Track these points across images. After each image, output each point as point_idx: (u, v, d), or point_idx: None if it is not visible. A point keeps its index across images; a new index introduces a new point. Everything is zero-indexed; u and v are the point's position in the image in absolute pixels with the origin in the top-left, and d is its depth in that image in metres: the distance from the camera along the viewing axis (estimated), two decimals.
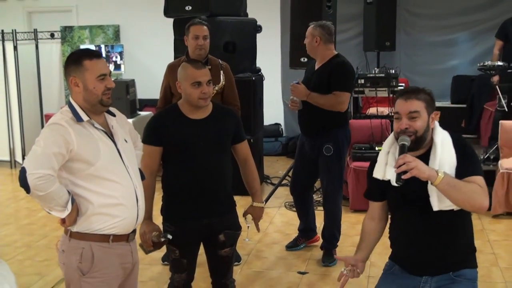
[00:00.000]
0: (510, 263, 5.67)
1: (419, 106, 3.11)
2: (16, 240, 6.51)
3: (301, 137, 5.68)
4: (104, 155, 3.04)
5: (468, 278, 3.19)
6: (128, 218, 3.12)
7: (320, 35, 5.30)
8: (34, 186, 2.83)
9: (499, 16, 9.17)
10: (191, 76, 3.68)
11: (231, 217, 3.90)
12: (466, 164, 3.10)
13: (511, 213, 6.95)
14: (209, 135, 3.74)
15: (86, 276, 3.05)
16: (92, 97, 3.02)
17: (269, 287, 5.26)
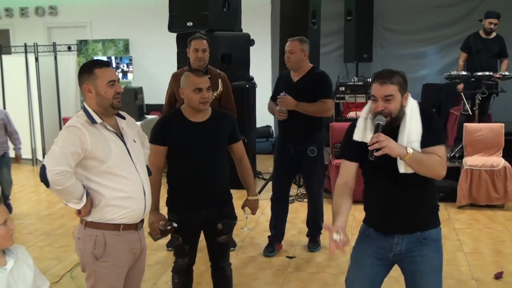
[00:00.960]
0: (473, 248, 5.69)
1: (393, 90, 3.10)
2: (38, 229, 6.50)
3: (282, 144, 5.45)
4: (115, 153, 3.06)
5: (433, 238, 3.21)
6: (137, 210, 3.14)
7: (307, 49, 5.28)
8: (53, 181, 2.86)
9: (463, 32, 9.21)
10: (193, 83, 3.70)
11: (228, 208, 3.93)
12: (431, 134, 3.11)
13: (474, 205, 6.98)
14: (208, 136, 3.76)
15: (99, 261, 3.07)
16: (104, 101, 3.05)
17: (261, 269, 5.27)
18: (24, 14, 11.73)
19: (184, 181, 3.76)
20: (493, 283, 4.88)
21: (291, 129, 5.29)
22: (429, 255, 3.18)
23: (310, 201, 5.64)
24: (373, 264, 3.26)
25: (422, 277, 3.19)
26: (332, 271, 5.19)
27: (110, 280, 3.14)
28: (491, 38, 8.36)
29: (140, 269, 3.41)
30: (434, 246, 3.20)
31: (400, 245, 3.20)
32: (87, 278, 3.17)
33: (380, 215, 3.29)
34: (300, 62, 5.24)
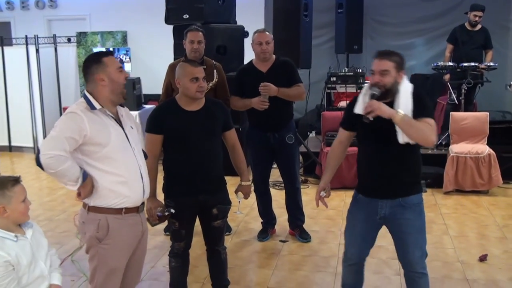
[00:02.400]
0: (458, 232, 5.72)
1: (390, 66, 3.35)
2: (39, 215, 6.49)
3: (259, 136, 5.32)
4: (114, 138, 3.07)
5: (414, 203, 3.48)
6: (136, 194, 3.16)
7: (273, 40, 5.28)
8: (45, 165, 2.88)
9: (449, 24, 9.20)
10: (190, 73, 3.71)
11: (223, 194, 3.93)
12: (421, 109, 3.32)
13: (460, 190, 7.01)
14: (202, 124, 3.77)
15: (102, 243, 3.09)
16: (118, 86, 3.11)
17: (255, 253, 5.29)
18: (25, 7, 11.67)
19: (180, 168, 3.77)
20: (478, 265, 4.91)
21: (269, 119, 5.19)
22: (411, 218, 3.47)
23: (293, 189, 5.54)
24: (363, 225, 3.60)
25: (406, 237, 3.50)
26: (323, 254, 5.21)
27: (112, 262, 3.16)
28: (476, 30, 8.38)
29: (143, 250, 3.42)
30: (415, 209, 3.49)
31: (384, 209, 3.48)
32: (90, 260, 3.20)
33: (368, 182, 3.60)
34: (272, 52, 5.24)
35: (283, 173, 5.53)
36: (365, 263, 3.77)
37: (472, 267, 4.87)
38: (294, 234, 5.62)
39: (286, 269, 4.90)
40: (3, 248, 2.56)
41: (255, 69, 5.26)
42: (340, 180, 7.22)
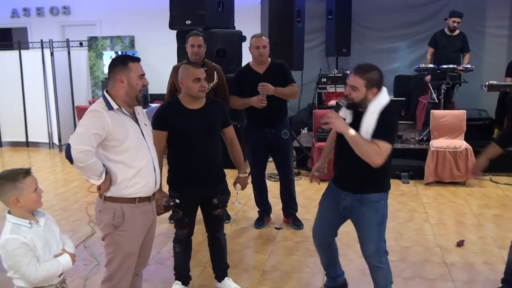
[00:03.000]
0: (438, 219, 5.74)
1: (360, 83, 3.27)
2: (54, 205, 6.49)
3: (257, 132, 5.30)
4: (131, 134, 3.10)
5: (372, 200, 3.41)
6: (149, 184, 3.20)
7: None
8: (76, 159, 2.92)
9: (430, 29, 9.21)
10: (192, 74, 3.72)
11: (222, 185, 3.94)
12: (379, 131, 3.23)
13: (439, 182, 7.03)
14: (203, 121, 3.77)
15: (118, 230, 3.12)
16: (133, 91, 3.11)
17: (252, 239, 5.29)
18: (40, 13, 11.66)
19: (183, 161, 3.77)
20: (455, 250, 4.92)
21: (266, 116, 5.19)
22: (367, 213, 3.43)
23: (287, 180, 5.54)
24: (330, 210, 3.65)
25: (361, 231, 3.51)
26: None
27: (128, 247, 3.18)
28: (454, 35, 8.39)
29: (151, 236, 3.44)
30: (372, 206, 3.43)
31: (345, 201, 3.49)
32: (107, 246, 3.21)
33: (336, 173, 3.66)
34: (268, 55, 5.23)
35: (278, 166, 5.53)
36: (334, 243, 3.85)
37: (450, 252, 4.88)
38: (288, 222, 5.62)
39: (281, 254, 4.91)
40: (19, 233, 2.59)
41: (253, 70, 5.25)
42: (330, 172, 7.23)
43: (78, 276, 4.45)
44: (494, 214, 5.91)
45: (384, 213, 3.48)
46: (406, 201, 6.40)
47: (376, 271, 3.53)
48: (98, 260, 4.73)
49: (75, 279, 4.39)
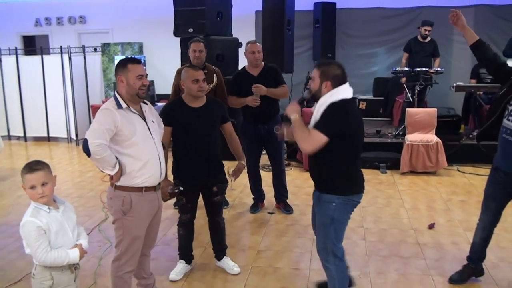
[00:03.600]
0: (412, 205, 5.74)
1: (315, 74, 3.12)
2: (72, 193, 6.46)
3: (252, 128, 5.28)
4: (139, 130, 3.10)
5: (325, 200, 3.15)
6: (154, 175, 3.19)
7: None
8: (93, 152, 2.93)
9: (405, 37, 9.19)
10: (192, 76, 3.72)
11: (221, 175, 3.94)
12: (319, 121, 3.05)
13: (413, 171, 7.04)
14: (204, 118, 3.77)
15: (126, 216, 3.13)
16: (132, 90, 3.09)
17: (248, 223, 5.29)
18: (60, 22, 11.62)
19: (186, 154, 3.77)
20: (427, 232, 4.93)
21: (260, 113, 5.18)
22: (319, 212, 3.24)
23: (279, 170, 5.52)
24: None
25: (316, 227, 3.33)
26: (303, 223, 5.22)
27: (135, 231, 3.18)
28: (426, 42, 8.40)
29: (158, 221, 3.43)
30: (323, 206, 3.19)
31: (315, 197, 3.30)
32: (117, 229, 3.21)
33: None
34: (262, 60, 5.21)
35: (271, 158, 5.52)
36: None
37: (423, 233, 4.89)
38: (280, 207, 5.61)
39: (273, 236, 4.90)
40: (37, 217, 2.58)
41: (248, 73, 5.22)
42: None
43: (93, 256, 4.43)
44: (461, 200, 5.92)
45: (335, 215, 3.13)
46: (384, 188, 6.40)
47: (325, 268, 3.31)
48: (111, 242, 4.70)
49: (90, 258, 4.37)
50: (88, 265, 4.24)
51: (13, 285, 3.91)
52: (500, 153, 3.55)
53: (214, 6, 7.45)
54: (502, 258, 4.20)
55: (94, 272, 4.11)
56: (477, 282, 3.90)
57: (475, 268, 3.90)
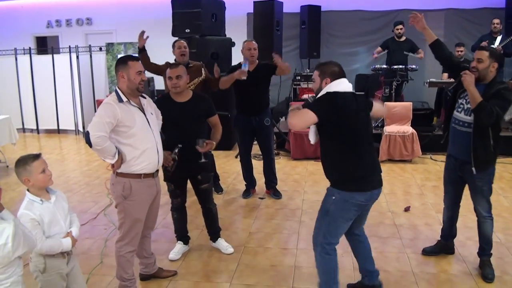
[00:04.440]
0: (390, 190, 5.76)
1: (315, 75, 3.05)
2: (80, 180, 6.42)
3: (244, 119, 5.23)
4: (138, 122, 3.10)
5: (328, 192, 3.03)
6: (152, 163, 3.18)
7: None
8: (94, 143, 2.93)
9: (383, 37, 9.14)
10: (167, 73, 3.73)
11: (206, 164, 3.89)
12: (312, 102, 2.94)
13: (391, 159, 7.06)
14: (188, 112, 3.74)
15: (127, 200, 3.14)
16: (132, 84, 3.08)
17: (240, 207, 5.27)
18: (69, 24, 11.49)
19: (173, 144, 3.68)
20: (403, 214, 4.95)
21: (252, 106, 5.18)
22: (324, 200, 3.05)
23: (269, 159, 5.50)
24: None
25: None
26: (291, 207, 5.22)
27: (135, 214, 3.19)
28: (402, 41, 8.39)
29: (157, 205, 3.43)
30: (325, 197, 3.04)
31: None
32: (119, 212, 3.22)
33: None
34: (257, 57, 5.17)
35: (262, 147, 5.50)
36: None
37: (399, 216, 4.91)
38: (269, 193, 5.60)
39: (264, 219, 4.90)
40: (31, 209, 2.55)
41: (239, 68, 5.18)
42: (303, 152, 7.24)
43: (100, 237, 4.42)
44: (433, 185, 5.94)
45: (331, 209, 2.97)
46: None
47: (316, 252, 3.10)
48: (115, 225, 4.67)
49: (97, 240, 4.36)
50: (95, 246, 4.23)
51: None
52: (450, 141, 3.65)
53: (209, 8, 7.41)
54: (469, 237, 4.23)
55: (101, 253, 4.10)
56: (448, 256, 3.95)
57: (445, 244, 3.98)
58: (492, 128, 3.37)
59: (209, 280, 3.63)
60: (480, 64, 3.37)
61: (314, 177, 6.36)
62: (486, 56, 3.36)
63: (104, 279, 3.65)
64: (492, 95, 3.30)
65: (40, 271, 2.63)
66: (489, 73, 3.38)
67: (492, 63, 3.36)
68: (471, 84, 3.30)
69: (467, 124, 3.44)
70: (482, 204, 3.56)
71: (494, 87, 3.33)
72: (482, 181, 3.49)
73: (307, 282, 3.57)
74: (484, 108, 3.24)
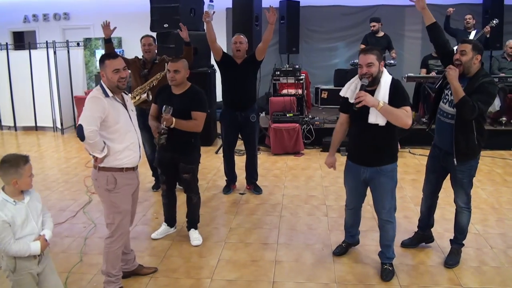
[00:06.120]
0: None
1: (373, 59, 3.21)
2: (58, 178, 6.29)
3: (230, 114, 5.21)
4: (122, 117, 3.15)
5: (388, 170, 3.37)
6: (134, 157, 3.23)
7: (247, 42, 5.21)
8: (87, 137, 2.95)
9: (362, 32, 9.19)
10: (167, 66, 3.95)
11: (188, 155, 4.01)
12: (398, 99, 3.20)
13: None
14: (178, 104, 3.85)
15: (113, 192, 3.17)
16: (111, 83, 3.11)
17: (221, 203, 5.24)
18: (46, 19, 11.30)
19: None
20: None
21: (239, 102, 5.17)
22: (384, 181, 3.38)
23: (253, 155, 5.49)
24: (354, 182, 3.58)
25: (378, 196, 3.46)
26: (271, 202, 5.21)
27: (123, 205, 3.23)
28: (380, 36, 8.42)
29: (136, 198, 3.47)
30: (388, 175, 3.37)
31: (365, 174, 3.43)
32: (106, 208, 3.26)
33: (354, 152, 3.53)
34: (245, 51, 5.15)
35: (246, 143, 5.46)
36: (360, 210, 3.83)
37: None
38: (250, 188, 5.58)
39: (244, 214, 4.87)
40: (3, 210, 2.51)
41: (234, 60, 5.15)
42: (283, 148, 7.24)
43: (79, 236, 4.34)
44: (412, 179, 5.99)
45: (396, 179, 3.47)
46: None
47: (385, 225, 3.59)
48: (95, 223, 4.62)
49: (76, 239, 4.28)
50: (74, 245, 4.16)
51: None
52: (435, 131, 3.72)
53: (188, 3, 7.34)
54: (447, 229, 4.27)
55: (80, 251, 4.03)
56: (426, 248, 4.00)
57: (423, 234, 4.04)
58: (476, 121, 3.42)
59: (190, 276, 3.60)
60: (464, 56, 3.42)
61: (294, 172, 6.36)
62: (469, 48, 3.40)
63: (84, 277, 3.59)
64: (475, 89, 3.34)
65: (11, 271, 2.62)
66: (473, 66, 3.42)
67: (475, 55, 3.40)
68: (454, 79, 3.36)
69: (451, 116, 3.49)
70: (461, 195, 3.62)
71: (478, 81, 3.37)
72: (463, 174, 3.55)
73: (288, 277, 3.56)
74: (466, 103, 3.28)
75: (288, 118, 7.41)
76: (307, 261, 3.82)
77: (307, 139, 7.59)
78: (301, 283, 3.48)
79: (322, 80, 9.92)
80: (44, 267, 2.75)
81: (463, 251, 3.79)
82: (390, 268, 3.58)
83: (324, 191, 5.50)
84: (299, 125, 7.32)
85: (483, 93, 3.30)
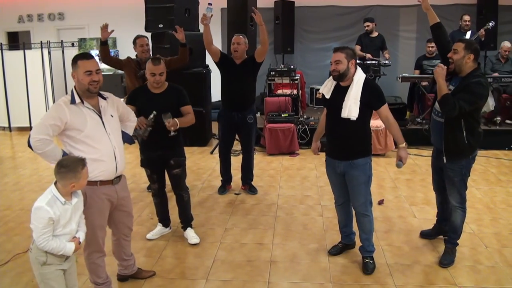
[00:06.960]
0: None
1: (341, 57, 3.37)
2: (53, 179, 6.14)
3: (228, 114, 5.19)
4: (90, 125, 2.89)
5: (360, 164, 3.45)
6: (108, 170, 2.96)
7: (247, 42, 5.17)
8: (34, 147, 2.79)
9: (356, 33, 9.22)
10: (149, 69, 3.85)
11: (178, 150, 4.02)
12: (375, 100, 3.44)
13: None
14: (160, 103, 3.84)
15: (85, 208, 2.83)
16: (81, 85, 2.89)
17: (216, 203, 5.22)
18: (41, 19, 11.23)
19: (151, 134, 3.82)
20: (377, 207, 4.98)
21: (236, 102, 5.15)
22: (356, 174, 3.47)
23: (248, 156, 5.47)
24: (333, 177, 3.67)
25: (352, 188, 3.54)
26: (266, 202, 5.19)
27: (96, 221, 3.00)
28: (374, 36, 8.43)
29: (127, 211, 3.25)
30: (361, 168, 3.45)
31: (340, 167, 3.52)
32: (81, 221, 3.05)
33: (328, 146, 3.63)
34: (244, 52, 5.11)
35: (243, 144, 5.44)
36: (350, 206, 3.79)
37: (374, 208, 4.80)
38: (245, 189, 5.56)
39: (240, 214, 4.85)
40: (53, 207, 2.51)
41: (232, 60, 5.13)
42: (278, 148, 7.23)
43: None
44: (406, 179, 5.99)
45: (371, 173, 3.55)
46: None
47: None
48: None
49: None
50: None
51: (2, 266, 3.78)
52: (431, 130, 3.79)
53: (182, 3, 7.32)
54: None
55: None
56: (421, 249, 3.99)
57: (440, 227, 4.10)
58: (465, 121, 3.42)
59: (185, 277, 3.57)
60: (455, 54, 3.45)
61: (289, 172, 6.35)
62: (461, 47, 3.43)
63: (79, 278, 3.52)
64: (461, 88, 3.37)
65: (40, 264, 2.59)
66: (465, 65, 3.43)
67: (467, 54, 3.41)
68: (440, 76, 3.43)
69: (441, 114, 3.53)
70: (453, 194, 3.62)
71: (467, 80, 3.38)
72: (454, 172, 3.56)
73: (283, 277, 3.55)
74: (446, 100, 3.35)
75: (283, 118, 7.40)
76: (302, 261, 3.81)
77: (302, 139, 7.58)
78: (296, 283, 3.46)
79: (316, 80, 9.91)
80: (70, 266, 2.74)
81: (458, 250, 3.79)
82: (371, 261, 3.65)
83: (319, 191, 5.49)
84: (294, 125, 7.30)
85: (467, 92, 3.33)
